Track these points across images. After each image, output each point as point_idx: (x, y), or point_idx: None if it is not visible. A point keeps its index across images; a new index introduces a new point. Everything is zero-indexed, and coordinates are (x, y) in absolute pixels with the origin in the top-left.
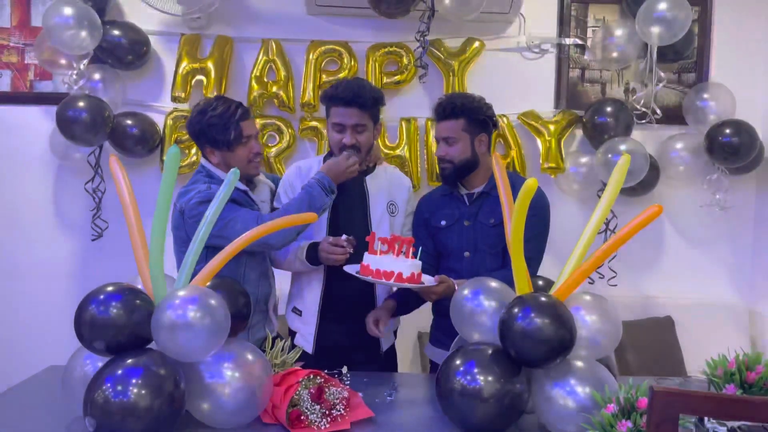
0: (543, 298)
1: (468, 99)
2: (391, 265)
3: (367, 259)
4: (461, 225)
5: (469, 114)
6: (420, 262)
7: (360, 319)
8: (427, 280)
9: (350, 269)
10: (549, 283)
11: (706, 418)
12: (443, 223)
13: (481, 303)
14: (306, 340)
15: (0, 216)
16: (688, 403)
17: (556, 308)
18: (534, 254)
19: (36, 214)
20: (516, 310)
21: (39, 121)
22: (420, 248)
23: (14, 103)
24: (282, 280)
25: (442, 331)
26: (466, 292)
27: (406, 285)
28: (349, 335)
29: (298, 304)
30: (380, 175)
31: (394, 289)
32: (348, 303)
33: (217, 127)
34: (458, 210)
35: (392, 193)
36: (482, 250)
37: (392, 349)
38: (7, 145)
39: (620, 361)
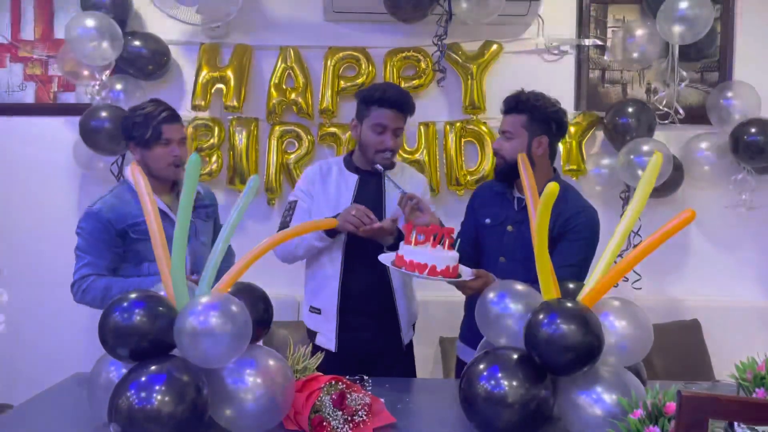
0: (569, 305)
1: (534, 96)
2: (427, 256)
3: (403, 249)
4: (504, 229)
5: (532, 111)
6: (457, 254)
7: (378, 310)
8: (465, 272)
9: (385, 259)
10: (579, 286)
11: (736, 423)
12: (488, 221)
13: (507, 306)
14: (328, 339)
15: (26, 225)
16: (717, 408)
17: (583, 315)
18: (576, 279)
19: (61, 223)
20: (541, 316)
21: (63, 131)
22: (458, 239)
23: (38, 115)
24: (296, 283)
25: (472, 332)
26: (491, 295)
27: (441, 278)
28: (370, 328)
29: (316, 302)
30: (397, 171)
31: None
32: (365, 294)
33: (139, 125)
34: (505, 212)
35: (408, 188)
36: (518, 260)
37: (411, 345)
38: (33, 156)
39: (647, 365)
